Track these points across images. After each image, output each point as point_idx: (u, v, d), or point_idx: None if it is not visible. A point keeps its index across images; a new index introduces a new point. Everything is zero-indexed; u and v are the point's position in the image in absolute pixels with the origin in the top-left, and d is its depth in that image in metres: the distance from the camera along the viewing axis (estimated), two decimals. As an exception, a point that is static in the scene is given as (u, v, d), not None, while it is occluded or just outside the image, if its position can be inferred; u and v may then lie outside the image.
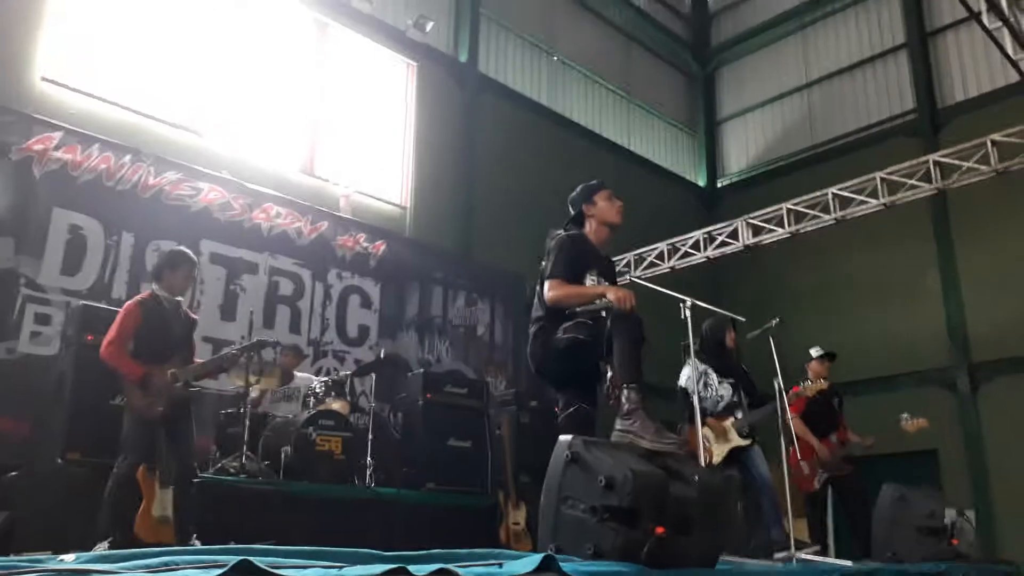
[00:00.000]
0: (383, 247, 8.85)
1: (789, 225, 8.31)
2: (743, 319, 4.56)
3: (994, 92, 10.23)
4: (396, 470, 6.48)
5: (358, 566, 1.67)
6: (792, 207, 8.35)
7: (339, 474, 5.91)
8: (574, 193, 3.77)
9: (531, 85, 11.53)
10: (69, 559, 1.95)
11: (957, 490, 9.18)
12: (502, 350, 9.69)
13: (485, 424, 6.96)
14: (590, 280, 3.41)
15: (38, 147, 6.65)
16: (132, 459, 4.31)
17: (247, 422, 5.61)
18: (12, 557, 2.44)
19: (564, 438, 2.56)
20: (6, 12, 7.08)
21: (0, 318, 6.27)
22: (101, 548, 3.92)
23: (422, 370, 7.29)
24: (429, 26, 9.83)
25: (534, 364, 3.43)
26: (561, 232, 3.60)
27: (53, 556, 2.11)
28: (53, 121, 6.84)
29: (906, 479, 4.61)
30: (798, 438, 5.50)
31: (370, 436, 6.23)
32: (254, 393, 6.05)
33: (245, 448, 5.54)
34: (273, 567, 1.51)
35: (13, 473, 4.98)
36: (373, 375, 6.89)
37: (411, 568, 1.69)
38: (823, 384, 5.39)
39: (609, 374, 3.26)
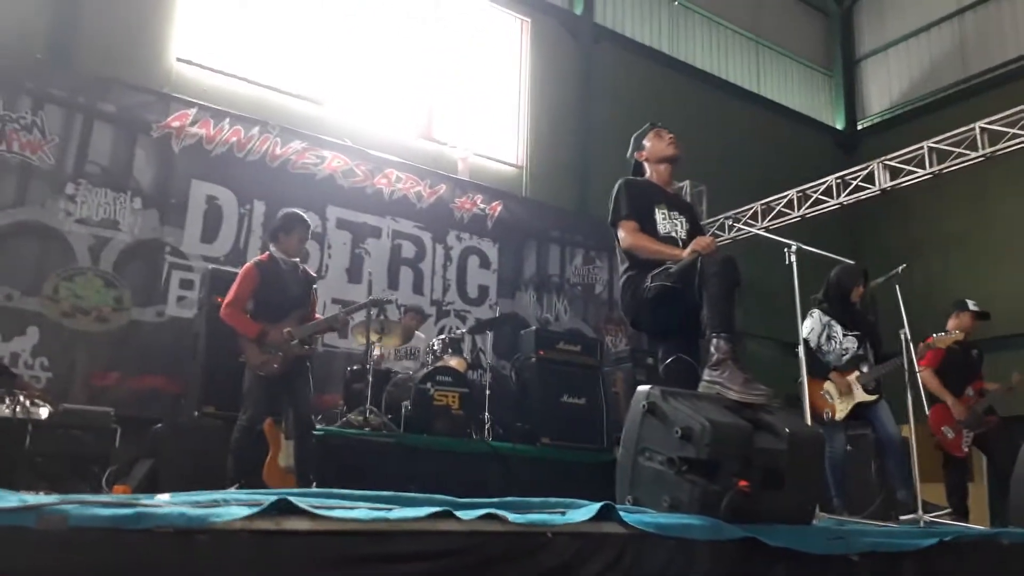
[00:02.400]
0: (500, 207, 8.90)
1: (932, 165, 7.58)
2: (852, 263, 4.19)
3: None
4: (512, 425, 6.56)
5: (406, 508, 1.68)
6: (934, 145, 7.59)
7: (456, 428, 6.05)
8: (630, 146, 3.66)
9: (651, 33, 11.10)
10: (164, 498, 2.08)
11: None
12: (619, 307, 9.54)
13: (599, 381, 6.89)
14: (660, 214, 3.33)
15: (176, 124, 7.14)
16: (251, 413, 4.59)
17: (371, 378, 5.85)
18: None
19: (642, 388, 2.47)
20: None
21: (149, 284, 6.86)
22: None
23: (535, 328, 7.29)
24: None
25: (628, 317, 3.35)
26: None
27: (152, 495, 2.26)
28: (188, 98, 7.31)
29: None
30: (931, 395, 5.07)
31: (487, 392, 6.34)
32: (377, 351, 6.28)
33: (369, 403, 5.78)
34: (315, 507, 1.54)
35: (158, 425, 5.43)
36: (490, 333, 6.98)
37: (459, 512, 1.68)
38: (958, 335, 4.90)
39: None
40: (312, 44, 8.54)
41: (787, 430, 2.39)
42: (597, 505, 1.91)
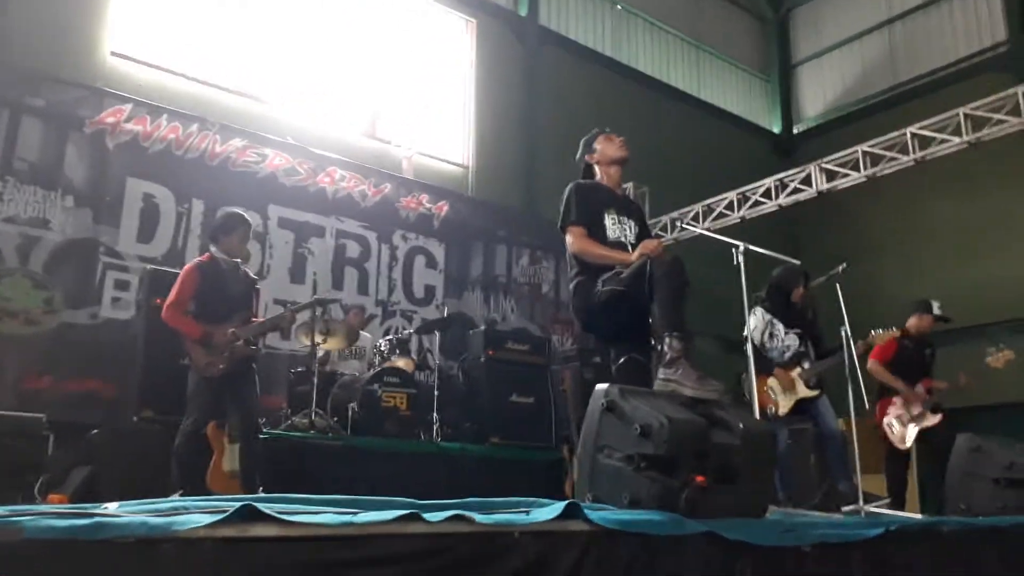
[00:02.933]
0: (446, 207, 8.87)
1: (865, 168, 7.85)
2: (798, 262, 4.33)
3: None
4: (461, 425, 6.55)
5: (372, 511, 1.66)
6: (868, 149, 7.87)
7: (405, 429, 6.02)
8: (577, 154, 3.72)
9: (594, 36, 11.22)
10: (112, 507, 2.01)
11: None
12: (568, 307, 9.59)
13: (548, 380, 6.94)
14: (609, 219, 3.38)
15: (110, 120, 6.89)
16: (196, 416, 4.47)
17: (316, 380, 5.76)
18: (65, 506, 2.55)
19: (600, 386, 2.49)
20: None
21: (83, 285, 6.60)
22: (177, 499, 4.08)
23: (488, 327, 7.30)
24: (486, -21, 9.67)
25: (580, 320, 3.38)
26: None
27: (99, 504, 2.18)
28: (123, 94, 7.06)
29: (1003, 433, 4.32)
30: (882, 392, 5.24)
31: (435, 392, 6.31)
32: (321, 352, 6.19)
33: (314, 405, 5.69)
34: (281, 512, 1.51)
35: (95, 431, 5.24)
36: (437, 333, 6.95)
37: (427, 515, 1.67)
38: (895, 332, 5.09)
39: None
40: (254, 40, 8.37)
41: (741, 425, 2.44)
42: (562, 504, 1.92)
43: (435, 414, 6.22)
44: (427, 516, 1.65)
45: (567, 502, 1.92)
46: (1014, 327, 9.08)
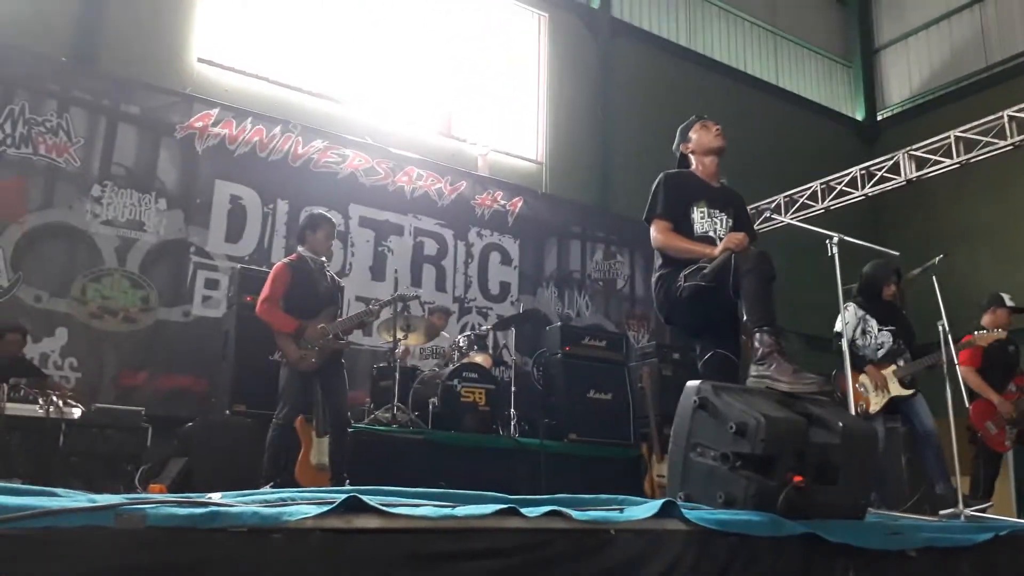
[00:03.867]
0: (520, 203, 8.89)
1: (958, 155, 7.48)
2: (896, 255, 4.14)
3: None
4: (538, 421, 6.56)
5: (471, 505, 1.67)
6: (961, 134, 7.50)
7: (483, 424, 6.07)
8: (676, 138, 3.62)
9: (668, 26, 11.04)
10: (216, 497, 2.08)
11: None
12: (643, 303, 9.50)
13: (625, 376, 6.88)
14: (698, 212, 3.28)
15: (198, 124, 7.16)
16: (289, 409, 4.60)
17: (397, 375, 5.86)
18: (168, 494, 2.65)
19: (692, 383, 2.45)
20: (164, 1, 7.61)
21: (175, 284, 6.89)
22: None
23: (560, 324, 7.28)
24: (559, -26, 9.63)
25: (662, 314, 3.32)
26: None
27: (204, 494, 2.26)
28: (210, 99, 7.33)
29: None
30: (975, 393, 5.00)
31: (512, 388, 6.34)
32: (403, 348, 6.29)
33: (396, 400, 5.79)
34: (383, 505, 1.53)
35: (190, 424, 5.45)
36: (513, 329, 6.97)
37: (523, 509, 1.67)
38: (1001, 333, 4.83)
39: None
40: (331, 42, 8.55)
41: (840, 424, 2.36)
42: (658, 502, 1.89)
43: (512, 410, 6.25)
44: (524, 511, 1.65)
45: (664, 500, 1.89)
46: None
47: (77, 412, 5.08)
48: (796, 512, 2.19)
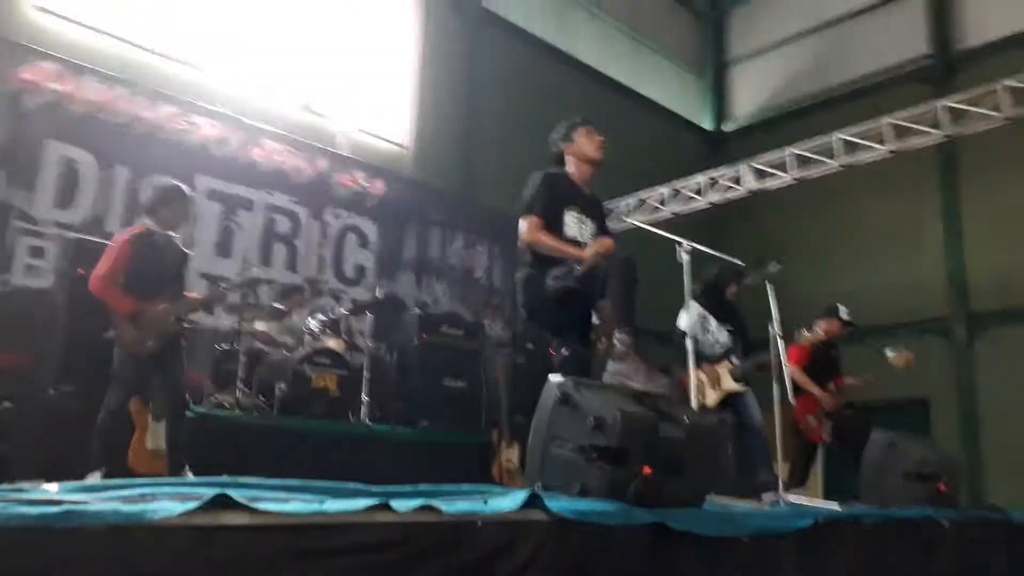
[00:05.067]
0: (382, 186, 8.76)
1: (794, 170, 8.17)
2: (742, 264, 4.48)
3: (1013, 37, 9.91)
4: (391, 408, 6.54)
5: (340, 499, 1.66)
6: (798, 152, 8.19)
7: (334, 410, 5.96)
8: (554, 132, 3.70)
9: (537, 21, 11.21)
10: (53, 489, 1.95)
11: (947, 441, 9.25)
12: (500, 293, 9.67)
13: (480, 365, 6.99)
14: (570, 217, 3.37)
15: (30, 77, 6.50)
16: (122, 392, 4.33)
17: (243, 358, 5.64)
18: (2, 485, 2.44)
19: (554, 378, 2.55)
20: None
21: (-7, 251, 6.25)
22: (94, 478, 3.94)
23: (418, 311, 7.28)
24: (432, -42, 9.55)
25: (526, 311, 3.40)
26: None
27: (39, 485, 2.11)
28: (46, 51, 6.67)
29: (897, 428, 4.62)
30: (800, 389, 5.51)
31: (366, 374, 6.26)
32: (249, 330, 6.05)
33: (240, 383, 5.57)
34: (251, 500, 1.49)
35: (7, 404, 4.99)
36: (369, 315, 6.89)
37: (394, 503, 1.68)
38: (820, 335, 5.36)
39: (596, 320, 3.26)
40: (190, 5, 7.99)
41: (686, 419, 2.54)
42: (523, 493, 1.96)
43: (365, 396, 6.18)
44: (395, 504, 1.66)
45: (528, 492, 1.96)
46: (912, 329, 9.62)
47: None
48: (644, 501, 2.34)
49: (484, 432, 6.77)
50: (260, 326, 6.44)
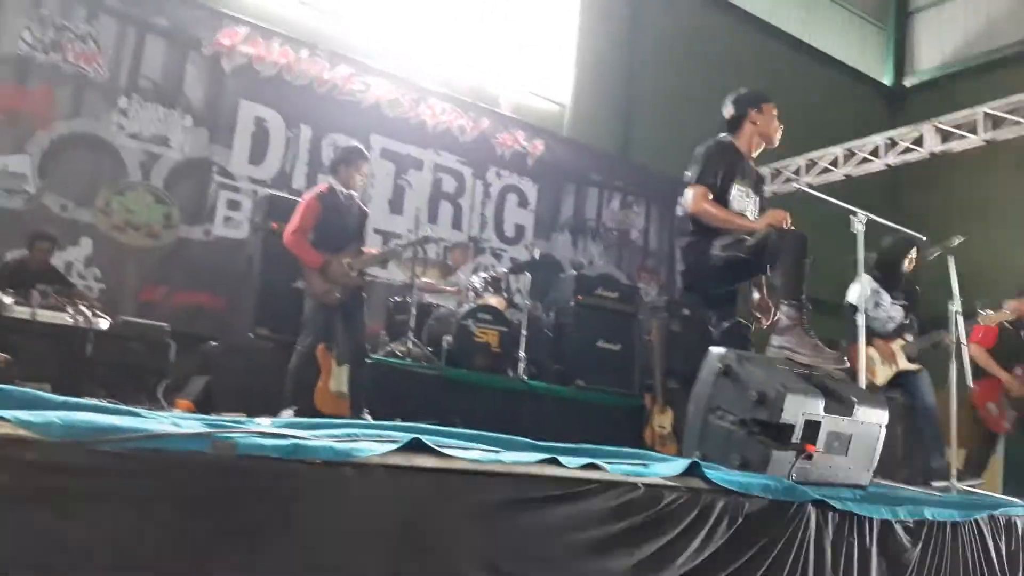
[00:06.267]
0: (541, 146, 8.88)
1: (985, 131, 7.46)
2: (921, 237, 4.21)
3: None
4: (547, 366, 6.72)
5: (514, 452, 1.81)
6: (989, 111, 7.46)
7: (494, 365, 6.22)
8: (739, 94, 3.58)
9: (701, -28, 10.81)
10: (265, 423, 2.22)
11: None
12: (655, 256, 9.60)
13: (635, 328, 7.02)
14: (737, 191, 3.31)
15: (227, 41, 7.12)
16: (312, 339, 4.75)
17: (414, 311, 5.99)
18: (214, 416, 2.80)
19: (717, 350, 2.57)
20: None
21: (197, 203, 6.97)
22: (287, 415, 4.39)
23: (575, 272, 7.38)
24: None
25: (686, 280, 3.38)
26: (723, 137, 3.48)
27: (250, 419, 2.41)
28: (239, 16, 7.25)
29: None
30: (982, 372, 5.14)
31: (524, 332, 6.47)
32: (420, 283, 6.40)
33: (411, 334, 5.93)
34: (439, 446, 1.67)
35: (213, 343, 5.60)
36: (528, 274, 7.08)
37: (562, 459, 1.81)
38: (1007, 314, 4.95)
39: (756, 295, 3.21)
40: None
41: (853, 398, 2.49)
42: (683, 461, 2.03)
43: (522, 353, 6.40)
44: (564, 460, 1.79)
45: (689, 461, 2.03)
46: None
47: (105, 324, 5.24)
48: (807, 479, 2.34)
49: (638, 395, 6.83)
50: (430, 281, 6.80)
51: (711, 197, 3.22)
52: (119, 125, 6.65)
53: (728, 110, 3.52)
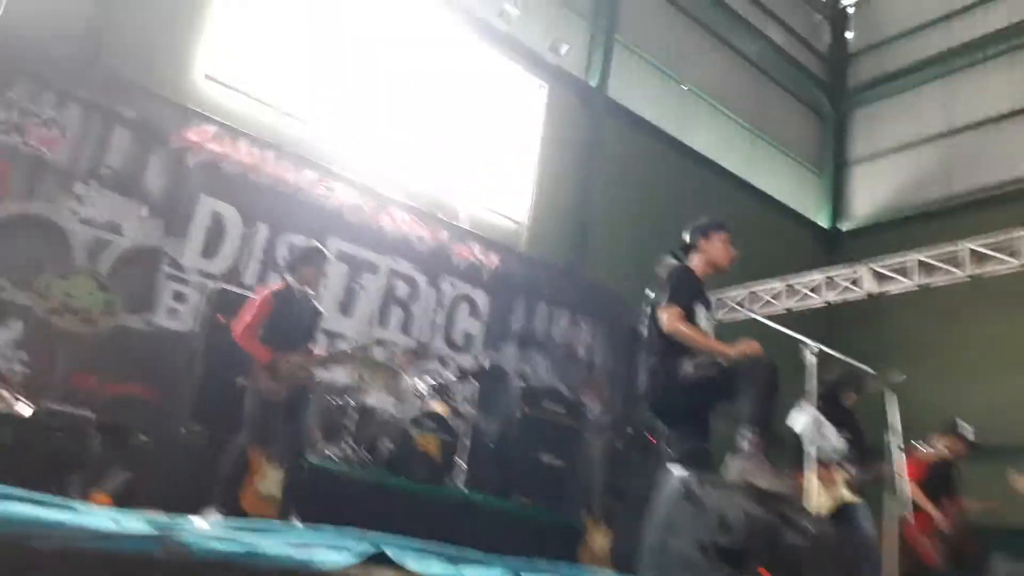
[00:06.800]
0: (496, 260, 9.03)
1: (918, 277, 7.91)
2: (874, 372, 4.37)
3: None
4: (488, 477, 6.58)
5: (473, 566, 1.74)
6: (922, 258, 7.94)
7: (435, 474, 6.07)
8: (696, 223, 3.76)
9: (658, 113, 11.48)
10: (204, 523, 2.11)
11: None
12: (600, 372, 9.66)
13: (578, 444, 6.98)
14: (701, 312, 3.41)
15: (194, 138, 7.17)
16: (251, 437, 4.57)
17: (354, 414, 5.85)
18: (148, 514, 2.64)
19: (678, 471, 2.56)
20: (174, 9, 7.65)
21: (142, 292, 6.79)
22: (213, 516, 4.16)
23: (524, 384, 7.38)
24: (564, 49, 10.01)
25: (650, 397, 3.39)
26: (672, 260, 3.62)
27: (186, 516, 2.28)
28: (210, 115, 7.36)
29: (1018, 556, 4.30)
30: (916, 506, 5.23)
31: (467, 441, 6.36)
32: (365, 387, 6.28)
33: (350, 439, 5.77)
34: (399, 559, 1.60)
35: (144, 438, 5.34)
36: (476, 383, 7.03)
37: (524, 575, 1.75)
38: (943, 451, 5.10)
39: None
40: (334, 78, 8.66)
41: (809, 528, 2.49)
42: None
43: (464, 463, 6.27)
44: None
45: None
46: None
47: (28, 411, 4.95)
48: (761, 607, 2.30)
49: (576, 512, 6.71)
50: (374, 385, 6.67)
51: (685, 317, 3.29)
52: (72, 210, 6.54)
53: (684, 237, 3.68)
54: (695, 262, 3.63)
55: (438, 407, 6.58)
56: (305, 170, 7.77)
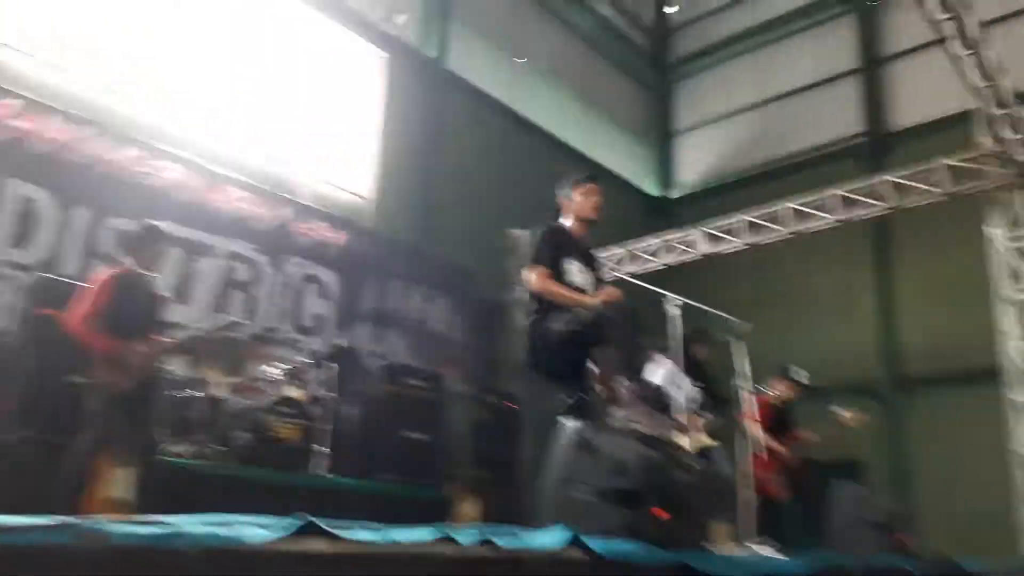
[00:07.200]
0: (344, 237, 8.77)
1: (747, 236, 8.57)
2: (739, 321, 4.69)
3: (941, 120, 10.61)
4: (351, 460, 6.44)
5: (404, 529, 1.69)
6: (749, 218, 8.61)
7: (296, 461, 5.87)
8: (558, 184, 3.89)
9: (496, 85, 11.56)
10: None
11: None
12: (456, 345, 9.68)
13: (442, 418, 6.98)
14: (567, 266, 3.52)
15: (-6, 113, 6.36)
16: (95, 436, 4.16)
17: (202, 406, 5.52)
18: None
19: (571, 423, 2.62)
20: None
21: (-58, 289, 6.00)
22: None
23: (386, 362, 7.26)
24: (401, 19, 9.83)
25: (530, 358, 3.46)
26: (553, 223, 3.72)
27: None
28: (12, 89, 6.55)
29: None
30: (766, 448, 5.71)
31: (328, 427, 6.19)
32: (211, 378, 5.93)
33: (201, 432, 5.44)
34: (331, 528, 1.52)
35: (-39, 449, 4.74)
36: (333, 365, 6.83)
37: (456, 536, 1.72)
38: (780, 394, 5.59)
39: (594, 367, 3.35)
40: (157, 50, 7.97)
41: (695, 466, 2.64)
42: (566, 534, 2.01)
43: (325, 447, 6.10)
44: (458, 538, 1.70)
45: (572, 534, 2.01)
46: (852, 390, 9.98)
47: None
48: (656, 543, 2.41)
49: (443, 485, 6.71)
50: (220, 374, 6.31)
51: (551, 275, 3.37)
52: None
53: (555, 200, 3.80)
54: (567, 221, 3.73)
55: (294, 393, 6.33)
56: (127, 147, 7.13)
